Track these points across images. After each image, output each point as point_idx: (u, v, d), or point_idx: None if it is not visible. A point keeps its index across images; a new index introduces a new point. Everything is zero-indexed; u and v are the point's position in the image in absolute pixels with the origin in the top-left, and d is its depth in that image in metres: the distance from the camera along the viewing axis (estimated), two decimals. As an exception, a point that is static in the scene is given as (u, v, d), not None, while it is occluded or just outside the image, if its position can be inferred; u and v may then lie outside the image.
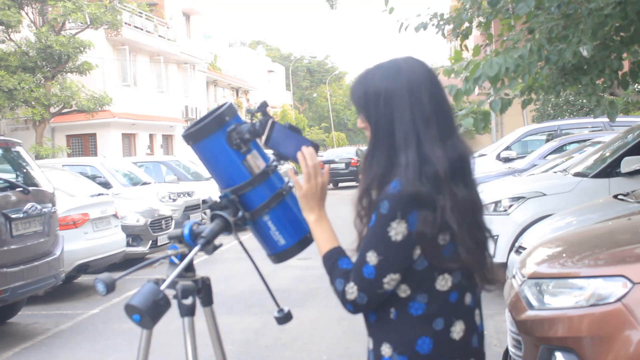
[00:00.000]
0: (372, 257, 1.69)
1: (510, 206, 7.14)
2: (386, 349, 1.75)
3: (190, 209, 12.77)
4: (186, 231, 1.99)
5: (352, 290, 1.70)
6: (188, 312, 2.02)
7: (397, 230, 1.67)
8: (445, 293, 1.74)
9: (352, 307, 1.73)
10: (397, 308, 1.74)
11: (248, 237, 2.13)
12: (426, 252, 1.71)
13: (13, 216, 6.13)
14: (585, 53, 5.15)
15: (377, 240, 1.69)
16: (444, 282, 1.73)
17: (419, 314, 1.72)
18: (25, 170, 6.98)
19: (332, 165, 26.30)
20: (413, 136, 1.72)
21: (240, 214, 1.97)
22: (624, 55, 6.20)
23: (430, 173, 1.69)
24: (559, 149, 11.16)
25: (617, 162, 6.71)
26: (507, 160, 12.41)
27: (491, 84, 5.39)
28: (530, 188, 7.38)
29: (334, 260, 1.77)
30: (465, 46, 6.98)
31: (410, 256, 1.70)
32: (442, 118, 1.76)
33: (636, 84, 7.27)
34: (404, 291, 1.74)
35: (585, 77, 5.99)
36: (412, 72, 1.77)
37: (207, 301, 2.12)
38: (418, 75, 1.77)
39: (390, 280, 1.70)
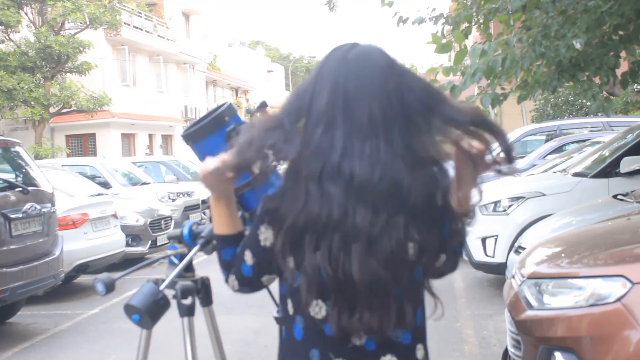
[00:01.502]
0: (248, 257, 1.60)
1: (510, 206, 7.15)
2: None
3: (189, 209, 12.77)
4: (185, 231, 1.99)
5: (234, 284, 1.64)
6: (187, 312, 2.02)
7: (266, 236, 1.55)
8: (320, 322, 1.51)
9: (240, 292, 1.66)
10: (287, 327, 1.60)
11: (247, 237, 2.12)
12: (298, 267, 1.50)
13: (12, 216, 6.13)
14: (578, 46, 5.16)
15: (252, 241, 1.58)
16: (317, 309, 1.50)
17: (300, 339, 1.56)
18: (24, 170, 6.98)
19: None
20: (308, 129, 1.51)
21: (239, 214, 1.97)
22: (622, 54, 6.21)
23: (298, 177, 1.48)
24: (559, 149, 11.16)
25: (616, 162, 6.72)
26: (507, 160, 12.38)
27: (486, 78, 5.39)
28: (529, 188, 7.38)
29: (218, 249, 1.67)
30: (465, 46, 6.97)
31: (285, 264, 1.52)
32: (349, 114, 1.47)
33: (635, 84, 7.28)
34: (291, 309, 1.58)
35: (582, 74, 5.99)
36: (333, 58, 1.54)
37: (207, 301, 2.12)
38: (337, 58, 1.53)
39: (268, 280, 1.61)
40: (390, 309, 1.47)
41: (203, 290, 2.09)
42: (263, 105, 1.97)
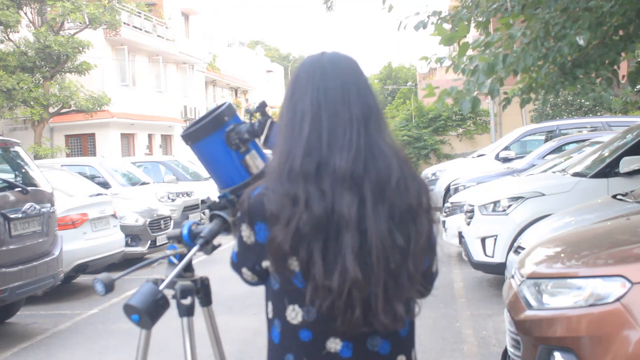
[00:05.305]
0: (235, 247, 1.66)
1: (509, 206, 7.15)
2: None
3: (189, 209, 12.77)
4: (185, 231, 1.98)
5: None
6: (187, 312, 2.02)
7: (246, 235, 1.58)
8: (295, 327, 1.52)
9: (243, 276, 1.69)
10: (268, 330, 1.62)
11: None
12: (276, 272, 1.52)
13: (12, 216, 6.13)
14: (581, 42, 5.15)
15: (238, 235, 1.62)
16: (293, 314, 1.52)
17: (277, 342, 1.58)
18: (24, 170, 6.97)
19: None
20: (288, 133, 1.53)
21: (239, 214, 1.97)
22: (622, 53, 6.21)
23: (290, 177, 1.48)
24: (558, 149, 11.15)
25: (615, 162, 6.72)
26: (506, 160, 12.41)
27: (486, 76, 5.38)
28: (529, 188, 7.38)
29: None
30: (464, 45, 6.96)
31: (260, 263, 1.57)
32: (333, 111, 1.50)
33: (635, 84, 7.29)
34: (270, 311, 1.60)
35: (581, 70, 5.98)
36: (308, 64, 1.59)
37: (206, 301, 2.12)
38: (311, 68, 1.57)
39: (245, 273, 1.66)
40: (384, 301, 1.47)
41: (202, 290, 2.09)
42: (262, 105, 1.98)
